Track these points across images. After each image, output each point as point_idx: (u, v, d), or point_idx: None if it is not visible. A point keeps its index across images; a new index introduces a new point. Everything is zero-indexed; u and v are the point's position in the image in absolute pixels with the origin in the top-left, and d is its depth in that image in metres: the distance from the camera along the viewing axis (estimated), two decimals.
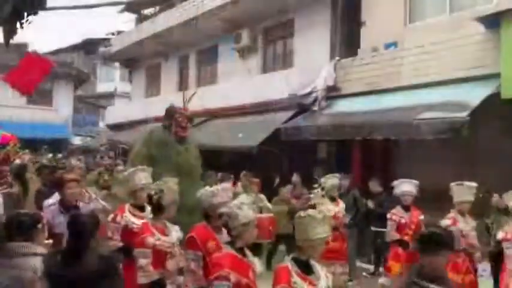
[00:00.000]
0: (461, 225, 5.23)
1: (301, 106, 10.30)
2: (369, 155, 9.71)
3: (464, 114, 6.77)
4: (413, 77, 8.48)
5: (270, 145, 10.03)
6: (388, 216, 5.97)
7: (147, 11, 20.40)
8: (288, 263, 2.73)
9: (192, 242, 3.46)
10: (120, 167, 8.91)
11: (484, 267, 6.08)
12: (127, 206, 4.26)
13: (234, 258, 2.85)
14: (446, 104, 7.40)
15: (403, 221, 5.85)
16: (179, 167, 5.59)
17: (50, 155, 15.62)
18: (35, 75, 7.53)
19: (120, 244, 4.10)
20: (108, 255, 2.75)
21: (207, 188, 3.72)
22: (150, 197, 3.87)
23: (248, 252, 2.99)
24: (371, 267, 8.21)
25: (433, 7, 9.25)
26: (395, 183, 6.10)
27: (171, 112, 6.16)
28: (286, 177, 9.58)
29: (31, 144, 14.16)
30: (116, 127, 19.24)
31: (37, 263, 2.54)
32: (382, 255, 8.06)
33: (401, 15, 9.53)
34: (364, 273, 7.98)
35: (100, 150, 19.25)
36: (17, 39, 3.36)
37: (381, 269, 8.00)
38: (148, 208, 4.24)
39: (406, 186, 6.00)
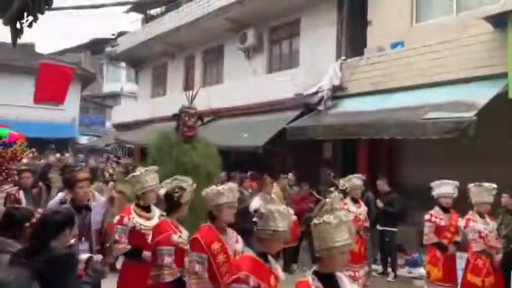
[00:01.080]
0: (480, 226, 5.09)
1: (307, 106, 10.29)
2: (375, 154, 9.69)
3: (471, 114, 6.73)
4: (419, 77, 8.45)
5: (275, 145, 10.02)
6: (427, 217, 5.57)
7: (153, 11, 20.48)
8: (308, 277, 2.37)
9: (197, 244, 3.36)
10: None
11: None
12: (132, 207, 4.16)
13: (254, 261, 2.69)
14: (453, 103, 7.36)
15: (442, 223, 5.48)
16: (182, 165, 5.54)
17: (58, 155, 15.71)
18: (60, 84, 7.62)
19: (129, 247, 3.99)
20: (61, 257, 2.36)
21: (213, 187, 3.52)
22: (168, 194, 3.79)
23: (271, 259, 2.83)
24: (379, 268, 8.19)
25: (440, 7, 9.21)
26: (434, 183, 5.67)
27: (179, 112, 6.19)
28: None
29: (38, 144, 14.25)
30: (122, 127, 19.31)
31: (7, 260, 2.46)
32: (391, 255, 8.06)
33: (408, 15, 9.49)
34: (373, 273, 7.94)
35: (106, 149, 19.34)
36: (23, 39, 3.37)
37: (389, 269, 8.00)
38: (155, 209, 4.21)
39: (446, 188, 5.60)
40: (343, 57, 10.28)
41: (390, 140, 8.70)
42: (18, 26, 2.73)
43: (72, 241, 3.16)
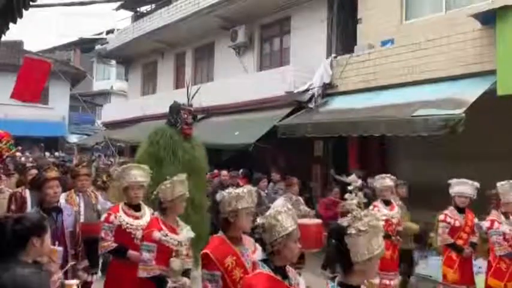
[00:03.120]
0: (505, 228, 4.87)
1: (297, 103, 10.30)
2: (365, 152, 9.72)
3: (460, 111, 6.77)
4: (409, 74, 8.48)
5: (266, 142, 10.01)
6: (441, 217, 5.36)
7: (143, 9, 20.35)
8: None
9: (207, 260, 2.91)
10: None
11: (480, 264, 6.05)
12: (121, 205, 4.07)
13: (270, 279, 2.38)
14: (442, 100, 7.40)
15: (457, 224, 5.28)
16: (187, 165, 5.46)
17: (48, 154, 15.61)
18: (37, 81, 7.48)
19: (114, 245, 3.94)
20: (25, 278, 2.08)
21: (231, 190, 3.04)
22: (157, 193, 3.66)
23: (291, 273, 2.52)
24: None
25: (429, 4, 9.25)
26: (452, 181, 5.43)
27: (176, 109, 6.00)
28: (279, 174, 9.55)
29: (27, 142, 14.14)
30: (113, 125, 19.19)
31: None
32: None
33: (398, 13, 9.52)
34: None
35: (96, 148, 19.21)
36: (11, 36, 3.33)
37: None
38: (145, 208, 4.12)
39: (463, 187, 5.34)
40: (333, 55, 10.29)
41: (380, 137, 8.74)
42: (2, 21, 2.70)
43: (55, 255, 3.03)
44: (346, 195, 2.21)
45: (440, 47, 8.03)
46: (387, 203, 5.85)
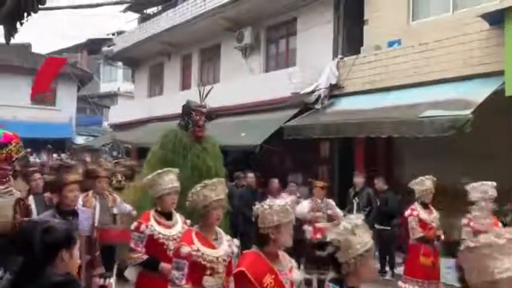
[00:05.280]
0: None
1: (304, 104, 10.28)
2: (372, 153, 9.69)
3: (467, 112, 6.74)
4: (416, 75, 8.45)
5: (273, 144, 10.01)
6: (464, 221, 5.10)
7: (149, 11, 20.43)
8: None
9: (243, 280, 2.57)
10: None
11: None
12: (152, 213, 3.75)
13: None
14: (450, 101, 7.37)
15: (482, 228, 4.92)
16: (197, 169, 5.32)
17: (55, 155, 15.70)
18: (50, 75, 7.56)
19: (145, 257, 3.64)
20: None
21: (271, 202, 2.69)
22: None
23: None
24: (377, 266, 8.18)
25: (437, 5, 9.21)
26: (473, 185, 5.21)
27: (187, 110, 5.77)
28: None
29: (35, 144, 14.22)
30: (119, 127, 19.27)
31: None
32: (389, 253, 8.04)
33: (405, 13, 9.49)
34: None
35: (103, 149, 19.27)
36: (19, 39, 3.36)
37: (387, 268, 7.99)
38: (177, 216, 3.84)
39: (486, 190, 5.11)
40: (340, 56, 10.28)
41: (387, 139, 8.71)
42: (11, 24, 2.72)
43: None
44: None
45: (447, 47, 7.99)
46: (426, 206, 5.53)
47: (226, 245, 3.28)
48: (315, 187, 6.93)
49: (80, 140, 24.40)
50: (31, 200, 5.27)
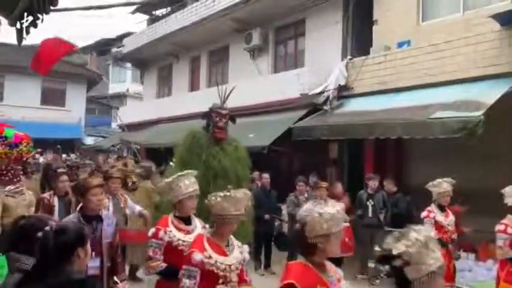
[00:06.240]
0: None
1: (312, 106, 10.25)
2: (381, 154, 9.64)
3: (479, 113, 6.67)
4: (426, 76, 8.39)
5: (281, 145, 9.99)
6: (500, 228, 4.79)
7: (159, 12, 20.52)
8: None
9: None
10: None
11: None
12: (170, 218, 3.60)
13: None
14: (461, 103, 7.31)
15: None
16: (211, 169, 5.34)
17: (64, 155, 15.76)
18: (53, 56, 7.42)
19: (164, 265, 3.48)
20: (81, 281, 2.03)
21: (321, 209, 2.43)
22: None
23: None
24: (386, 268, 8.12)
25: (447, 5, 9.14)
26: (508, 189, 4.91)
27: (208, 112, 5.88)
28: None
29: (44, 145, 14.32)
30: (128, 127, 19.36)
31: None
32: None
33: (414, 14, 9.43)
34: (380, 274, 7.84)
35: (112, 150, 19.37)
36: (29, 40, 3.38)
37: None
38: (196, 220, 3.71)
39: None
40: (349, 57, 10.24)
41: (397, 140, 8.65)
42: (22, 26, 2.73)
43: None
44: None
45: (457, 48, 7.92)
46: (443, 208, 5.45)
47: (237, 252, 3.16)
48: (319, 188, 6.90)
49: (88, 141, 24.56)
50: (56, 201, 5.21)
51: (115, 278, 3.65)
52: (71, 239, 2.07)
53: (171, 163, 6.01)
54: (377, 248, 2.07)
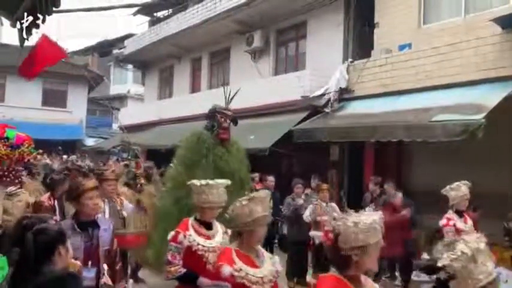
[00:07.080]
0: None
1: (313, 108, 10.25)
2: (382, 157, 9.63)
3: (480, 116, 6.66)
4: (428, 79, 8.39)
5: (282, 147, 9.99)
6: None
7: (160, 14, 20.55)
8: None
9: None
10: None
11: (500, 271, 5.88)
12: (190, 221, 3.49)
13: None
14: (462, 106, 7.30)
15: None
16: (219, 170, 5.27)
17: (65, 156, 15.79)
18: (42, 62, 7.35)
19: (183, 270, 3.37)
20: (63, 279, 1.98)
21: (360, 220, 2.18)
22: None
23: None
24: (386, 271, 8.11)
25: (448, 8, 9.15)
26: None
27: (212, 112, 5.85)
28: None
29: (45, 146, 14.33)
30: (129, 129, 19.36)
31: None
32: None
33: (416, 17, 9.44)
34: (383, 277, 7.80)
35: (112, 152, 19.39)
36: (31, 41, 3.39)
37: (397, 273, 7.90)
38: (218, 225, 3.60)
39: None
40: (350, 60, 10.24)
41: (398, 143, 8.64)
42: (23, 26, 2.74)
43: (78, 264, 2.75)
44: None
45: (459, 51, 7.93)
46: (461, 214, 5.14)
47: (269, 264, 2.95)
48: (320, 190, 6.89)
49: (90, 142, 24.59)
50: (56, 203, 5.17)
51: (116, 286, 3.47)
52: (52, 237, 2.08)
53: (171, 164, 5.97)
54: (425, 256, 1.98)
